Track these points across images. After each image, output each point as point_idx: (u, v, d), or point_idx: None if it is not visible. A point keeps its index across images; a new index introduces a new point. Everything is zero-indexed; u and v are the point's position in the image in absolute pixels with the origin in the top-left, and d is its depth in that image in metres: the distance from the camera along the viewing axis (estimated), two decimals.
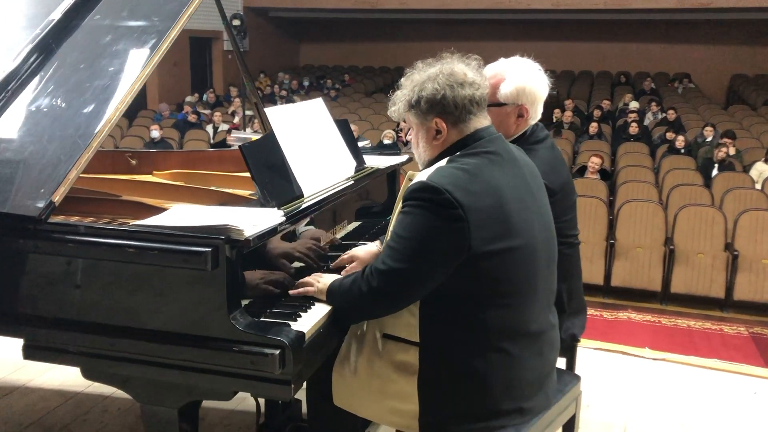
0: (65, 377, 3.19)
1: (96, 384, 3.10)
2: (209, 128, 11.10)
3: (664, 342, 5.65)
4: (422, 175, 1.71)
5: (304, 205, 2.13)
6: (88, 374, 1.95)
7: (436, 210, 1.63)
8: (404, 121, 1.93)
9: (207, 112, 12.36)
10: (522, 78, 2.23)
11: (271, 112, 2.27)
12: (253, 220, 1.82)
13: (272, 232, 1.88)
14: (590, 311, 6.59)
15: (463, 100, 1.74)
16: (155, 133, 9.61)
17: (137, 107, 13.40)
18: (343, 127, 2.65)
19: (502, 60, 2.31)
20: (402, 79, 1.85)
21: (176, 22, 2.22)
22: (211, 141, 10.34)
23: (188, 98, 13.71)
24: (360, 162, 2.65)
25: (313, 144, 2.38)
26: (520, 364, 1.76)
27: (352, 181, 2.49)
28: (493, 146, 1.77)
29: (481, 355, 1.72)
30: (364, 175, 2.60)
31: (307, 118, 2.42)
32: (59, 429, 2.85)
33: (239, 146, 2.06)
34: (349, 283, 1.82)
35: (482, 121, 1.81)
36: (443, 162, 1.76)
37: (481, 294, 1.70)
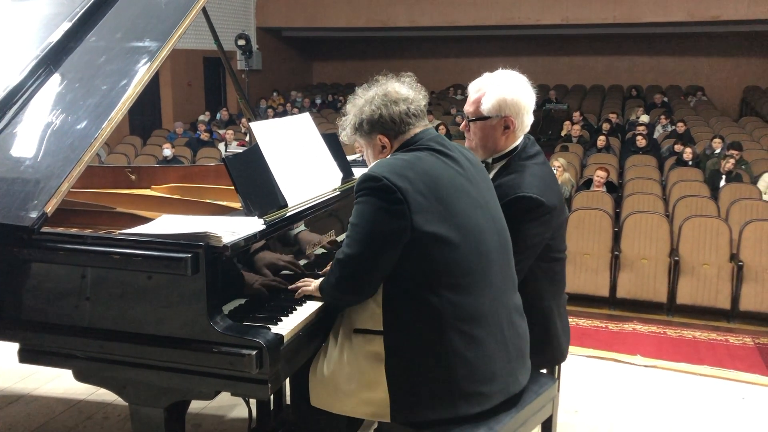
0: (69, 386, 3.30)
1: (98, 392, 3.22)
2: (221, 146, 11.28)
3: (670, 353, 5.66)
4: (366, 169, 1.88)
5: (286, 215, 2.23)
6: (79, 376, 2.04)
7: (378, 195, 1.80)
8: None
9: (221, 131, 12.56)
10: (502, 90, 2.24)
11: (255, 126, 2.36)
12: (233, 228, 1.93)
13: (251, 239, 1.98)
14: (595, 323, 6.61)
15: (399, 115, 1.95)
16: (167, 152, 9.81)
17: (151, 126, 13.65)
18: (331, 140, 2.75)
19: (485, 75, 2.33)
20: (347, 106, 2.05)
21: (166, 42, 2.35)
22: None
23: (201, 117, 13.94)
24: (347, 173, 2.74)
25: (298, 156, 2.46)
26: (478, 345, 1.85)
27: (338, 192, 2.58)
28: (430, 143, 1.94)
29: (439, 337, 1.82)
30: (351, 186, 2.69)
31: (292, 132, 2.51)
32: None
33: (222, 158, 2.16)
34: (325, 276, 1.98)
35: (421, 128, 1.98)
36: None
37: (432, 276, 1.82)
